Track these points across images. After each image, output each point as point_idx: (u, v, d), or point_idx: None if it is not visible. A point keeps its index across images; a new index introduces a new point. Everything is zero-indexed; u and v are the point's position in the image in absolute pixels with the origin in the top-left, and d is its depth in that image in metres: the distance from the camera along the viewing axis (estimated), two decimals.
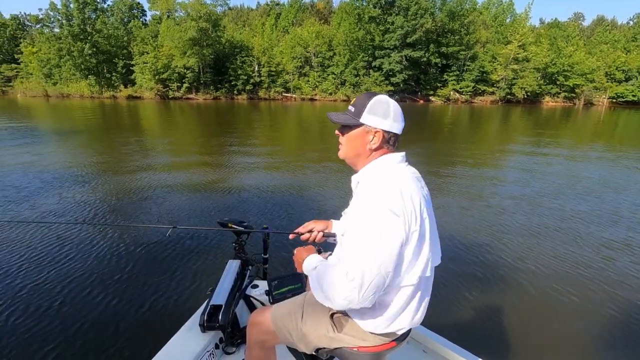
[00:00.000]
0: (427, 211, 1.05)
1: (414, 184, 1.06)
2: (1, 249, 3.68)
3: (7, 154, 8.84)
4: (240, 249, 2.09)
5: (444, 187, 6.43)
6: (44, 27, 48.23)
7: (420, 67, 43.88)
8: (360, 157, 1.15)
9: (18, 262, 3.44)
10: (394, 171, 1.08)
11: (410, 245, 1.00)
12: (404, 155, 1.15)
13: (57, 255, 3.55)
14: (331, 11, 67.37)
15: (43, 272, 3.22)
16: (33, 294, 2.88)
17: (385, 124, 1.11)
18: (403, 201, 0.97)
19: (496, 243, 4.06)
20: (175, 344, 1.56)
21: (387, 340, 1.17)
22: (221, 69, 43.94)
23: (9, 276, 3.19)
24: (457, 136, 14.82)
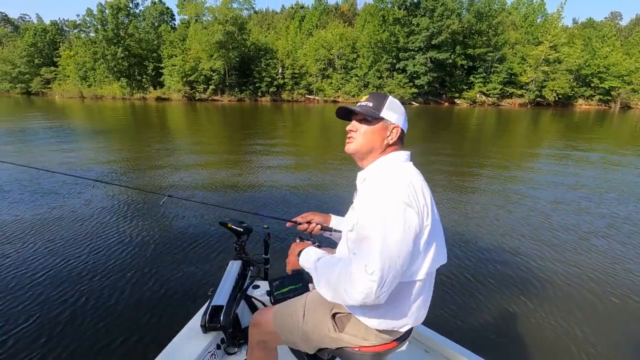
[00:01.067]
0: (434, 206, 1.07)
1: (421, 181, 1.07)
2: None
3: (50, 150, 9.38)
4: (241, 249, 2.08)
5: (460, 188, 6.32)
6: (81, 32, 50.73)
7: (446, 69, 43.07)
8: (373, 153, 1.16)
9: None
10: (402, 167, 1.11)
11: (422, 239, 1.00)
12: (409, 154, 1.17)
13: (57, 253, 3.59)
14: (355, 13, 67.26)
15: (45, 269, 3.26)
16: (31, 294, 2.89)
17: (401, 121, 1.16)
18: (416, 194, 0.98)
19: (501, 244, 4.05)
20: (176, 344, 1.57)
21: (388, 340, 1.16)
22: (246, 71, 44.77)
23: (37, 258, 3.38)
24: (483, 139, 14.45)
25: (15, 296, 2.88)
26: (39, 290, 2.97)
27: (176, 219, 4.61)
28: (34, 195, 5.56)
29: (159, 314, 2.66)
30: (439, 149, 11.21)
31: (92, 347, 2.32)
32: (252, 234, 2.05)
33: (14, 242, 3.86)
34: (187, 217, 4.68)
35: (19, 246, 3.75)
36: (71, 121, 18.55)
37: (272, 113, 27.12)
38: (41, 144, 10.63)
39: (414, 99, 42.43)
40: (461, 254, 3.77)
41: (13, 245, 3.78)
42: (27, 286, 3.02)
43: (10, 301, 2.80)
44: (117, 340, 2.38)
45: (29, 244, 3.80)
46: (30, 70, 52.22)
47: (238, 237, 2.05)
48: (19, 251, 3.64)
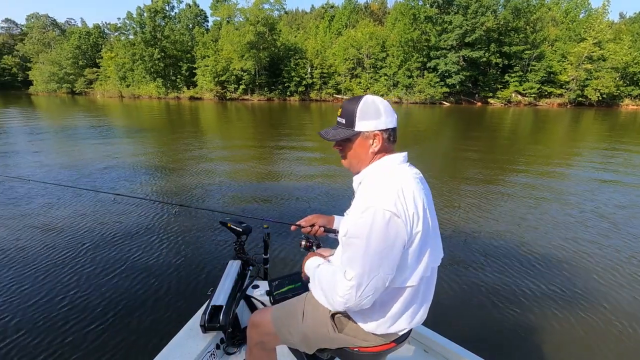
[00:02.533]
0: (429, 212, 1.04)
1: (415, 184, 1.04)
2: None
3: (92, 146, 9.95)
4: (241, 249, 2.09)
5: (480, 187, 6.09)
6: (121, 34, 53.35)
7: (479, 67, 41.67)
8: (364, 162, 1.14)
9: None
10: (395, 172, 1.07)
11: (413, 246, 1.00)
12: (405, 156, 1.13)
13: (57, 252, 3.63)
14: (385, 12, 66.49)
15: (43, 268, 3.30)
16: (31, 291, 2.93)
17: (380, 124, 1.08)
18: (405, 202, 0.97)
19: (504, 244, 4.03)
20: (176, 344, 1.57)
21: (388, 341, 1.16)
22: (275, 71, 45.36)
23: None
24: (518, 141, 13.86)
25: (14, 295, 2.88)
26: (37, 289, 2.98)
27: (176, 219, 4.63)
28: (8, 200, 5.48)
29: (158, 314, 2.65)
30: (469, 149, 10.88)
31: (92, 347, 2.31)
32: (252, 234, 2.06)
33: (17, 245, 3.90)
34: (188, 217, 4.68)
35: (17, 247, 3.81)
36: (115, 120, 19.55)
37: (300, 112, 27.33)
38: (87, 142, 11.28)
39: (445, 98, 41.36)
40: (461, 253, 3.79)
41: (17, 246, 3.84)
42: (25, 285, 3.04)
43: (8, 300, 2.82)
44: (116, 340, 2.37)
45: (26, 244, 3.85)
46: (75, 71, 55.44)
47: (237, 237, 2.06)
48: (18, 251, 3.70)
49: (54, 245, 3.79)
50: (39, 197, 5.38)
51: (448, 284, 3.16)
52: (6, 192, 5.69)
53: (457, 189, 6.34)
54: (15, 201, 5.24)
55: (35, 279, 3.14)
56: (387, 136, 1.10)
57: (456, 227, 4.58)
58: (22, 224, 4.41)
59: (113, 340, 2.37)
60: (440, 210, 5.19)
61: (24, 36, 70.41)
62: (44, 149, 9.59)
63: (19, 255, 3.60)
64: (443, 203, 5.52)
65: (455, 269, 3.44)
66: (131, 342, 2.36)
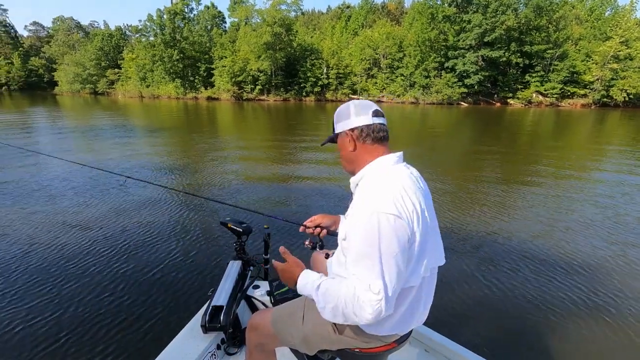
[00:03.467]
0: (427, 211, 1.04)
1: (412, 184, 1.05)
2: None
3: (111, 144, 10.23)
4: (241, 249, 2.08)
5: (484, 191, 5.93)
6: (142, 36, 54.65)
7: (499, 67, 40.80)
8: (354, 164, 1.16)
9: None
10: (390, 173, 1.07)
11: (415, 245, 0.99)
12: (400, 155, 1.14)
13: (57, 249, 3.66)
14: (403, 11, 65.91)
15: (43, 266, 3.32)
16: (29, 291, 2.93)
17: (350, 123, 1.14)
18: (403, 203, 0.97)
19: (506, 245, 3.99)
20: (177, 345, 1.57)
21: (389, 342, 1.16)
22: (291, 71, 45.60)
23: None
24: (541, 142, 13.48)
25: (12, 294, 2.88)
26: (36, 287, 2.97)
27: (176, 219, 4.61)
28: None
29: (159, 314, 2.65)
30: (487, 150, 10.66)
31: (92, 347, 2.31)
32: (252, 234, 2.05)
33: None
34: (188, 217, 4.68)
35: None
36: (135, 119, 20.03)
37: (315, 112, 27.36)
38: (111, 140, 11.60)
39: (462, 99, 40.67)
40: (463, 253, 3.76)
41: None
42: (25, 282, 3.05)
43: (3, 299, 2.82)
44: (116, 341, 2.37)
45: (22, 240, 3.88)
46: (98, 72, 57.16)
47: (238, 237, 2.05)
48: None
49: (52, 242, 3.81)
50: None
51: (449, 283, 3.14)
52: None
53: (469, 189, 6.22)
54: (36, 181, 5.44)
55: (31, 276, 3.12)
56: (359, 133, 1.13)
57: (459, 226, 4.53)
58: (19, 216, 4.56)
59: (113, 341, 2.37)
60: (447, 210, 5.11)
61: (50, 38, 73.13)
62: (71, 145, 9.93)
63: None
64: (451, 203, 5.43)
65: (456, 268, 3.43)
66: (131, 343, 2.36)
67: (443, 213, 4.99)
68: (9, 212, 4.79)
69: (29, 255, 3.56)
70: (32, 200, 5.27)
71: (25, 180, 6.35)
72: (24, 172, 6.89)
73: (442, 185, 6.57)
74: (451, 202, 5.55)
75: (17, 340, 2.38)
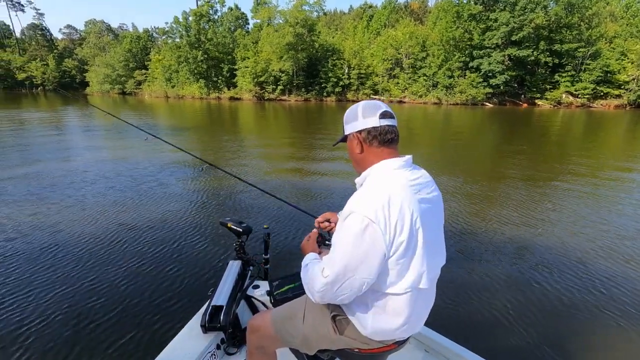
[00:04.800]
0: (422, 220, 1.01)
1: (407, 192, 1.02)
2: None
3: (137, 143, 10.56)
4: (241, 249, 2.07)
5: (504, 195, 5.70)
6: (168, 37, 56.12)
7: (526, 67, 39.47)
8: (360, 165, 1.18)
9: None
10: (388, 178, 1.06)
11: (397, 254, 0.99)
12: (407, 160, 1.12)
13: (56, 248, 3.67)
14: (426, 10, 64.90)
15: (41, 265, 3.33)
16: (25, 290, 2.93)
17: (357, 125, 1.14)
18: (388, 211, 0.96)
19: (507, 245, 3.97)
20: (176, 345, 1.57)
21: (388, 343, 1.17)
22: (313, 71, 45.73)
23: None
24: (573, 144, 12.94)
25: (10, 293, 2.88)
26: (33, 287, 2.97)
27: (176, 219, 4.59)
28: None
29: (158, 314, 2.64)
30: (514, 153, 10.31)
31: (91, 348, 2.30)
32: (252, 234, 2.05)
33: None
34: (188, 216, 4.69)
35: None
36: (163, 118, 20.62)
37: (336, 113, 27.32)
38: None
39: (487, 99, 39.62)
40: (465, 253, 3.76)
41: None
42: (24, 280, 3.06)
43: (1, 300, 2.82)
44: (116, 341, 2.36)
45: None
46: (126, 73, 59.17)
47: (238, 237, 2.05)
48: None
49: (52, 240, 3.84)
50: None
51: (450, 283, 3.13)
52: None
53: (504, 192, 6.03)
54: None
55: (30, 275, 3.14)
56: (366, 136, 1.12)
57: (463, 227, 4.50)
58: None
59: (113, 341, 2.36)
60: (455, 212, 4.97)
61: (82, 41, 76.43)
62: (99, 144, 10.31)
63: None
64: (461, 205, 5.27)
65: (457, 268, 3.41)
66: (131, 343, 2.35)
67: (456, 216, 4.89)
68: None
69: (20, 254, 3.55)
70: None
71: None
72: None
73: (464, 187, 6.41)
74: (462, 205, 5.41)
75: (14, 341, 2.36)
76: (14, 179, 6.37)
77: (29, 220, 4.45)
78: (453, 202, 5.44)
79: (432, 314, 1.21)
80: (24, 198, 5.31)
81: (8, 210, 4.77)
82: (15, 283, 3.05)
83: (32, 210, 4.78)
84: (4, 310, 2.68)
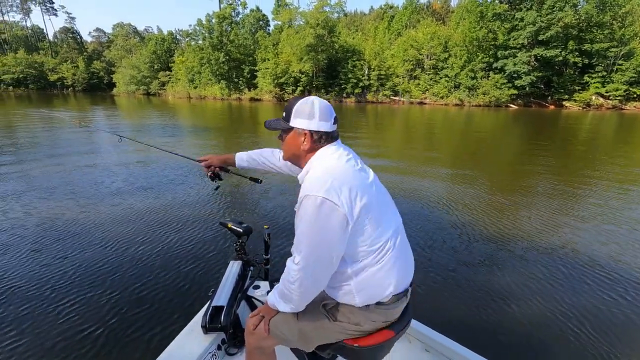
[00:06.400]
0: (366, 187, 1.11)
1: (348, 166, 1.13)
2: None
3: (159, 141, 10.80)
4: (241, 249, 2.07)
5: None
6: (191, 39, 57.46)
7: (554, 67, 38.16)
8: (300, 158, 1.24)
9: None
10: (329, 160, 1.15)
11: (357, 221, 1.06)
12: (338, 143, 1.22)
13: (55, 248, 3.63)
14: (449, 10, 63.86)
15: (40, 263, 3.30)
16: (28, 287, 2.92)
17: (312, 125, 1.17)
18: (338, 186, 1.04)
19: (507, 245, 3.94)
20: (177, 345, 1.56)
21: (381, 323, 1.19)
22: (332, 73, 45.78)
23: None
24: (606, 149, 12.38)
25: (10, 293, 2.86)
26: (34, 285, 2.95)
27: (176, 218, 4.55)
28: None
29: (159, 315, 2.63)
30: (541, 157, 9.94)
31: (92, 348, 2.29)
32: (252, 235, 2.04)
33: None
34: (188, 217, 4.62)
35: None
36: (185, 118, 21.10)
37: (355, 113, 27.19)
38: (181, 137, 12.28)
39: (512, 101, 38.54)
40: (464, 253, 3.72)
41: None
42: (24, 279, 3.04)
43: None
44: (117, 341, 2.36)
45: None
46: (151, 74, 60.96)
47: (238, 238, 2.05)
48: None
49: (49, 239, 3.81)
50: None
51: (450, 283, 3.13)
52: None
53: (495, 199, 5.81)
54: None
55: (29, 275, 3.11)
56: (318, 138, 1.19)
57: (468, 228, 4.42)
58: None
59: (113, 342, 2.35)
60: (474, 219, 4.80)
61: (110, 43, 79.24)
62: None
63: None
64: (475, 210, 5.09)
65: (457, 268, 3.39)
66: (131, 343, 2.34)
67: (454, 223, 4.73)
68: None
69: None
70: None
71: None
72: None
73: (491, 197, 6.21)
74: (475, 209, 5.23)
75: (12, 342, 2.36)
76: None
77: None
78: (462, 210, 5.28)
79: (432, 313, 1.23)
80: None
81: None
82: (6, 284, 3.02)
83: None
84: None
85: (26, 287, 2.95)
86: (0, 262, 3.36)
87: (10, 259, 3.42)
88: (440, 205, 5.26)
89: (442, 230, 4.32)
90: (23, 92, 60.49)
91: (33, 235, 3.95)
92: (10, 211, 4.67)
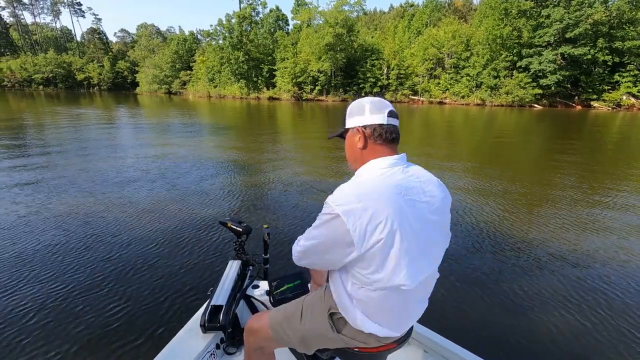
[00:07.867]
0: (402, 221, 0.96)
1: (390, 189, 0.99)
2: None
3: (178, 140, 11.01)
4: (241, 249, 2.07)
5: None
6: (212, 39, 58.37)
7: (582, 66, 36.68)
8: (358, 162, 1.15)
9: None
10: (370, 173, 1.06)
11: (370, 253, 0.97)
12: (398, 158, 1.10)
13: (53, 247, 3.63)
14: (470, 8, 62.50)
15: (40, 264, 3.29)
16: (19, 286, 2.92)
17: (363, 120, 1.13)
18: (360, 208, 0.95)
19: (508, 246, 3.91)
20: (176, 344, 1.56)
21: (387, 342, 1.16)
22: (351, 72, 45.56)
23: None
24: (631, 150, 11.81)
25: (10, 293, 2.86)
26: (31, 285, 2.95)
27: (176, 218, 4.54)
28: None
29: (158, 314, 2.62)
30: (566, 159, 9.57)
31: (90, 347, 2.28)
32: (252, 234, 2.04)
33: None
34: (187, 216, 4.63)
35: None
36: (206, 117, 21.47)
37: None
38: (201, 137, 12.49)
39: (536, 101, 37.35)
40: (464, 253, 3.70)
41: None
42: (23, 279, 3.04)
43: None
44: (115, 340, 2.34)
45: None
46: (172, 73, 62.37)
47: (237, 237, 2.04)
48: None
49: (50, 239, 3.82)
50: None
51: (450, 283, 3.11)
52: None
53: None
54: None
55: (29, 274, 3.12)
56: (372, 132, 1.11)
57: (468, 227, 4.39)
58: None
59: (111, 340, 2.34)
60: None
61: (134, 44, 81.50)
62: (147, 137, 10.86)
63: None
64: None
65: (458, 268, 3.37)
66: (131, 343, 2.33)
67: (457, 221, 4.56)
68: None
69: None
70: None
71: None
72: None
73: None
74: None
75: (10, 337, 2.38)
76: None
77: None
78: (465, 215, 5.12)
79: (432, 314, 1.18)
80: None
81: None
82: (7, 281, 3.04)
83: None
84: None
85: (26, 287, 2.96)
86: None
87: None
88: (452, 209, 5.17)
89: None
90: (52, 91, 63.01)
91: (20, 234, 3.96)
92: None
